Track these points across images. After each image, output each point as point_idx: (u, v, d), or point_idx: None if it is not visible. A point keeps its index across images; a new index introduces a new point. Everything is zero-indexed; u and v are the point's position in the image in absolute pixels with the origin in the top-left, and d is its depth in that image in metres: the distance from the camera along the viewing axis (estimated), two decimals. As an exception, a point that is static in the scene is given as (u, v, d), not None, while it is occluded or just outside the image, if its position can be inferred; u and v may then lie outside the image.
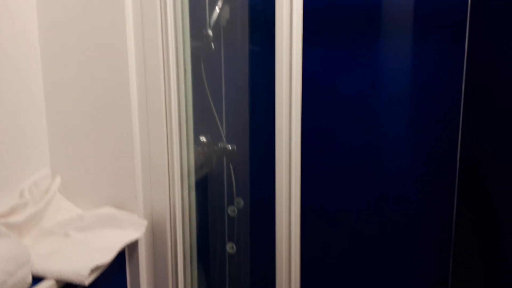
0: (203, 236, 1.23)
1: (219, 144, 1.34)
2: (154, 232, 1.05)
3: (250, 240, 1.41)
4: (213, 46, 1.29)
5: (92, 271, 0.79)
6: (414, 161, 1.74)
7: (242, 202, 1.28)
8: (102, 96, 0.96)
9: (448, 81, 1.63)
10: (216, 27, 1.32)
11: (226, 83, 1.36)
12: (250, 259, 1.45)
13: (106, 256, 0.83)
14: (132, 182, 0.99)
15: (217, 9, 1.31)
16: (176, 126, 1.04)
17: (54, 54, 0.96)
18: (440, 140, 1.69)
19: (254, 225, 1.39)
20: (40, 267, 0.76)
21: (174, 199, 1.04)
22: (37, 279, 0.75)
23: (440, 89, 1.64)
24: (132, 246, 0.99)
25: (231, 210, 1.27)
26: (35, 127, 0.97)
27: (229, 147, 1.33)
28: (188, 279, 1.09)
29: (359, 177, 1.73)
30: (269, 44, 1.08)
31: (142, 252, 1.00)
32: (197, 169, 1.18)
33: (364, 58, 1.64)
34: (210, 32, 1.29)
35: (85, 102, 0.97)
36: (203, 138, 1.34)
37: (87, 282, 0.76)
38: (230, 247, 1.30)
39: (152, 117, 1.00)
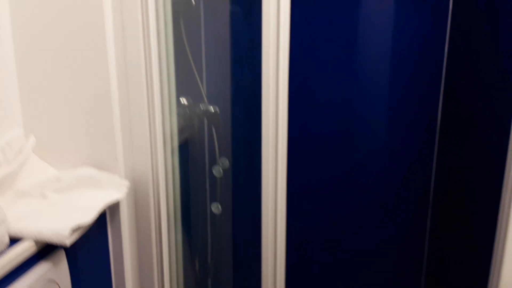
0: (187, 197, 1.20)
1: (200, 105, 1.30)
2: (137, 194, 1.02)
3: (235, 201, 1.39)
4: (193, 1, 1.23)
5: (73, 231, 0.75)
6: (393, 132, 1.75)
7: (227, 163, 1.25)
8: (77, 51, 0.90)
9: (430, 59, 1.63)
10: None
11: (206, 42, 1.31)
12: (235, 219, 1.43)
13: (87, 217, 0.79)
14: (112, 142, 0.94)
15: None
16: (157, 84, 0.99)
17: (23, 6, 0.89)
18: (420, 112, 1.70)
19: (238, 185, 1.37)
20: (17, 228, 0.72)
21: (157, 160, 1.01)
22: (14, 240, 0.71)
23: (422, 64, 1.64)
24: (114, 208, 0.96)
25: (216, 171, 1.24)
26: (5, 84, 0.91)
27: (211, 108, 1.29)
28: (173, 240, 1.07)
29: (342, 142, 1.74)
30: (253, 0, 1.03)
31: (124, 214, 0.97)
32: (180, 130, 1.15)
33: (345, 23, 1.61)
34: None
35: (59, 58, 0.91)
36: (184, 100, 1.29)
37: (68, 242, 0.73)
38: (216, 208, 1.29)
39: (132, 72, 0.95)
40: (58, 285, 0.76)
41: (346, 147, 1.76)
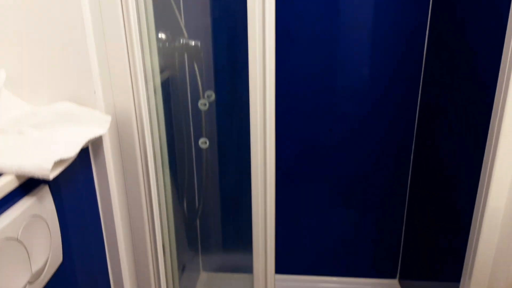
0: (173, 133, 1.17)
1: (180, 40, 1.23)
2: (120, 131, 0.98)
3: (221, 135, 1.37)
4: None
5: (56, 165, 0.72)
6: (379, 80, 1.73)
7: (213, 96, 1.21)
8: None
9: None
10: None
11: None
12: (221, 153, 1.42)
13: (69, 151, 0.76)
14: (88, 75, 0.89)
15: None
16: (134, 17, 0.93)
17: None
18: (405, 62, 1.68)
19: (224, 119, 1.34)
20: (-5, 163, 0.69)
21: (139, 96, 0.96)
22: (-7, 176, 0.67)
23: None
24: (97, 144, 0.92)
25: (202, 104, 1.20)
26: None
27: (192, 42, 1.23)
28: (160, 176, 1.05)
29: (327, 77, 1.71)
30: None
31: (108, 151, 0.93)
32: (161, 65, 1.09)
33: None
34: None
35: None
36: (163, 35, 1.22)
37: (51, 176, 0.70)
38: (203, 143, 1.26)
39: (106, 3, 0.88)
40: (44, 220, 0.74)
41: (331, 84, 1.75)
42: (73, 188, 0.86)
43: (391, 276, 2.08)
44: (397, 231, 1.98)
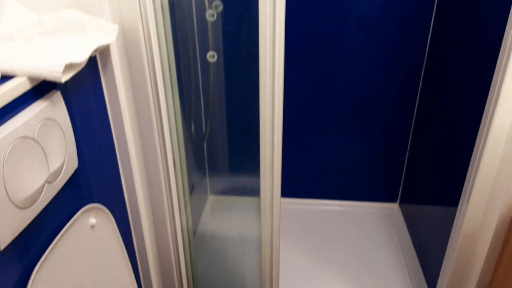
0: (180, 47, 1.15)
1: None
2: (127, 42, 0.97)
3: (229, 47, 1.35)
4: None
5: (66, 68, 0.73)
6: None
7: (221, 6, 1.18)
8: None
9: None
10: None
11: None
12: (229, 68, 1.40)
13: (79, 56, 0.76)
14: (94, -18, 0.87)
15: None
16: None
17: None
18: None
19: (231, 31, 1.31)
20: (6, 66, 0.69)
21: (145, 5, 0.94)
22: (5, 78, 0.68)
23: None
24: (104, 54, 0.92)
25: (209, 15, 1.18)
26: None
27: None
28: (169, 90, 1.06)
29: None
30: None
31: (116, 61, 0.93)
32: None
33: None
34: None
35: None
36: None
37: (63, 79, 0.71)
38: (211, 56, 1.25)
39: None
40: (58, 124, 0.76)
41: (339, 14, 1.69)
42: (84, 96, 0.88)
43: (391, 200, 2.15)
44: (400, 156, 2.02)
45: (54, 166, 0.75)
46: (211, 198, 2.10)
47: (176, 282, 1.37)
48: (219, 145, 1.84)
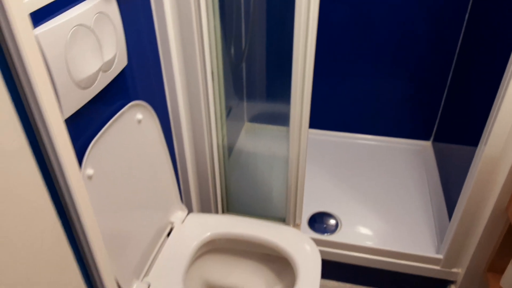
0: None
1: None
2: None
3: None
4: None
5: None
6: None
7: None
8: None
9: None
10: None
11: None
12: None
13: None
14: None
15: None
16: None
17: None
18: None
19: None
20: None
21: None
22: (67, -27, 0.77)
23: None
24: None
25: None
26: None
27: None
28: (210, 3, 1.13)
29: None
30: None
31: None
32: None
33: None
34: None
35: None
36: None
37: (115, -24, 0.79)
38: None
39: None
40: (110, 19, 0.85)
41: None
42: (132, 1, 0.96)
43: (425, 138, 2.17)
44: (438, 96, 2.02)
45: (107, 56, 0.85)
46: (247, 125, 2.20)
47: (211, 189, 1.51)
48: (257, 70, 1.90)
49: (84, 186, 0.47)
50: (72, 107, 0.77)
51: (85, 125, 0.84)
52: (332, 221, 1.76)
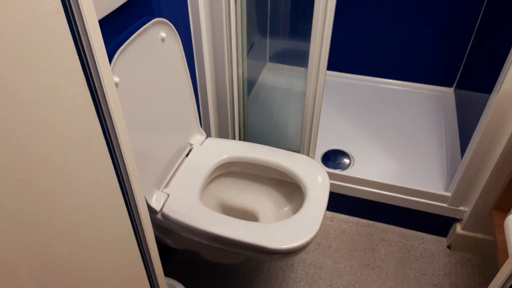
0: None
1: None
2: None
3: None
4: None
5: None
6: None
7: None
8: None
9: None
10: None
11: None
12: None
13: None
14: None
15: None
16: None
17: None
18: None
19: None
20: None
21: None
22: None
23: None
24: None
25: None
26: None
27: None
28: None
29: None
30: None
31: None
32: None
33: None
34: None
35: None
36: None
37: None
38: None
39: None
40: None
41: None
42: None
43: (448, 84, 2.16)
44: (464, 43, 1.98)
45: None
46: (269, 65, 2.22)
47: (229, 119, 1.57)
48: (281, 8, 1.89)
49: (115, 87, 0.51)
50: (104, 10, 0.81)
51: (112, 34, 0.89)
52: (346, 159, 1.81)
